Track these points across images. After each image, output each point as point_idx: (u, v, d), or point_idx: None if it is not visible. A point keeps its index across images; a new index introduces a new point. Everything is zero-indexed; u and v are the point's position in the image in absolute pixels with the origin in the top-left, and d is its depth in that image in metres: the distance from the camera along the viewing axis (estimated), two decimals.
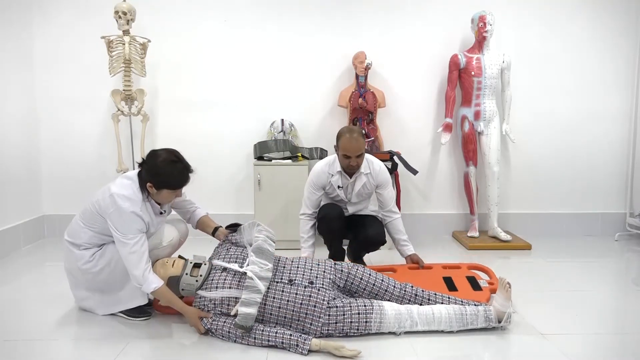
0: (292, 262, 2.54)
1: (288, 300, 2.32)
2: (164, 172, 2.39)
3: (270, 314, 2.32)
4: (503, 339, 2.35)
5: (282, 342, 2.20)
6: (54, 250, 3.81)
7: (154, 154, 2.45)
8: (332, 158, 3.09)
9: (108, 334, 2.39)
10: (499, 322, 2.37)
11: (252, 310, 2.23)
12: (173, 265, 2.47)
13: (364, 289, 2.52)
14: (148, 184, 2.41)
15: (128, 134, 4.04)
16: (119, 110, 3.86)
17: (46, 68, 4.12)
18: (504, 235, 3.99)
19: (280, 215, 3.84)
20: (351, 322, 2.31)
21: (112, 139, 3.99)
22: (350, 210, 3.20)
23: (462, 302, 2.49)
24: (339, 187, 3.07)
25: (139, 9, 3.85)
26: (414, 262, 3.05)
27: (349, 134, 2.89)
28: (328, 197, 3.19)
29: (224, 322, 2.30)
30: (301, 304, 2.31)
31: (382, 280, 2.54)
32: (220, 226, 2.79)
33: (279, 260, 2.54)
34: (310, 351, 2.17)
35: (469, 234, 4.14)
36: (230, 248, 2.60)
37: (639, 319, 2.65)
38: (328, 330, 2.32)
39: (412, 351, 2.24)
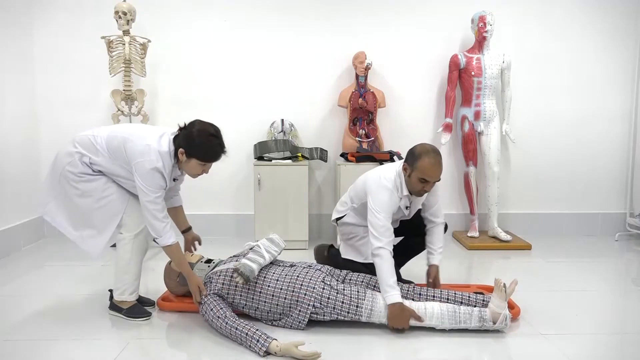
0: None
1: (287, 275, 2.47)
2: (199, 142, 2.37)
3: (269, 286, 2.43)
4: (503, 339, 2.35)
5: (243, 339, 2.19)
6: (54, 250, 3.81)
7: (195, 122, 2.43)
8: (394, 180, 2.64)
9: (108, 334, 2.39)
10: (494, 323, 2.34)
11: (254, 265, 2.41)
12: (192, 255, 2.73)
13: (362, 281, 2.61)
14: (180, 150, 2.38)
15: None
16: (119, 110, 3.86)
17: (46, 68, 4.12)
18: (504, 235, 3.99)
19: (280, 215, 3.84)
20: (342, 302, 2.37)
21: None
22: (401, 223, 2.95)
23: (462, 295, 2.50)
24: (406, 207, 2.74)
25: (139, 9, 3.85)
26: (429, 276, 2.77)
27: (433, 157, 2.51)
28: None
29: (214, 300, 2.40)
30: (297, 276, 2.45)
31: None
32: (191, 227, 2.84)
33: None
34: (267, 353, 2.14)
35: (469, 234, 4.14)
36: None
37: (639, 319, 2.66)
38: (320, 308, 2.37)
39: (411, 351, 2.24)
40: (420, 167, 2.51)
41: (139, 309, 2.56)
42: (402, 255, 2.97)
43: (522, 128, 4.28)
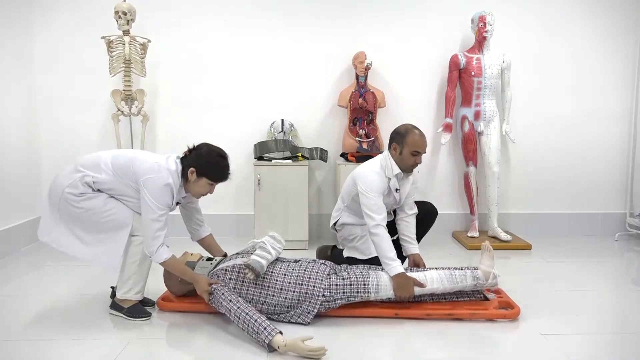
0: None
1: (293, 269, 2.55)
2: (211, 161, 2.48)
3: (277, 281, 2.49)
4: (503, 339, 2.35)
5: (250, 324, 2.21)
6: (54, 250, 3.78)
7: (203, 144, 2.54)
8: (380, 163, 2.85)
9: (108, 334, 2.39)
10: (486, 281, 2.58)
11: (263, 261, 2.47)
12: (192, 255, 2.75)
13: (363, 268, 2.70)
14: (190, 169, 2.46)
15: (128, 134, 4.05)
16: (119, 110, 3.86)
17: (46, 68, 4.12)
18: (504, 235, 3.99)
19: (280, 215, 3.84)
20: (350, 285, 2.50)
21: (112, 139, 3.99)
22: (391, 212, 3.05)
23: (455, 268, 2.67)
24: (397, 190, 2.86)
25: (139, 9, 3.85)
26: (416, 265, 2.91)
27: (416, 130, 2.77)
28: None
29: (224, 287, 2.43)
30: (305, 270, 2.55)
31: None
32: (226, 254, 2.85)
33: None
34: (271, 347, 2.15)
35: (469, 234, 4.14)
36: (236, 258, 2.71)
37: (639, 319, 2.66)
38: (330, 296, 2.46)
39: (414, 348, 2.24)
40: (411, 141, 2.75)
41: (140, 308, 2.56)
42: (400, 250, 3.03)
43: (522, 128, 4.28)
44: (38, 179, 4.16)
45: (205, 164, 2.47)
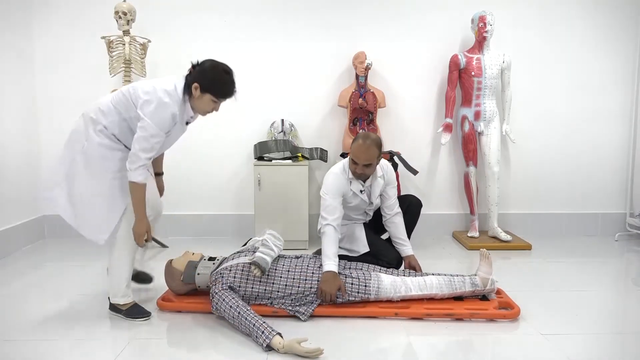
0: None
1: (296, 265, 2.64)
2: (215, 76, 2.44)
3: (281, 277, 2.56)
4: (503, 339, 2.35)
5: (250, 329, 2.25)
6: (54, 250, 3.81)
7: (210, 60, 2.49)
8: (342, 165, 2.96)
9: (108, 334, 2.39)
10: (484, 287, 2.62)
11: (268, 258, 2.55)
12: (193, 254, 2.76)
13: (361, 268, 2.77)
14: (194, 85, 2.42)
15: None
16: None
17: (46, 68, 4.12)
18: (504, 236, 3.99)
19: (280, 215, 3.84)
20: (352, 284, 2.58)
21: None
22: (370, 212, 3.15)
23: (452, 275, 2.71)
24: (361, 191, 2.95)
25: (139, 9, 3.85)
26: (412, 267, 2.94)
27: (362, 140, 2.77)
28: (347, 206, 2.99)
29: (226, 291, 2.43)
30: (307, 266, 2.64)
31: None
32: (162, 174, 2.86)
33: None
34: (270, 347, 2.18)
35: (469, 234, 4.14)
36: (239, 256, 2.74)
37: (639, 319, 2.66)
38: None
39: (413, 349, 2.24)
40: (352, 148, 2.83)
41: (139, 309, 2.56)
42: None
43: (522, 128, 4.28)
44: (38, 179, 4.15)
45: (210, 79, 2.42)
